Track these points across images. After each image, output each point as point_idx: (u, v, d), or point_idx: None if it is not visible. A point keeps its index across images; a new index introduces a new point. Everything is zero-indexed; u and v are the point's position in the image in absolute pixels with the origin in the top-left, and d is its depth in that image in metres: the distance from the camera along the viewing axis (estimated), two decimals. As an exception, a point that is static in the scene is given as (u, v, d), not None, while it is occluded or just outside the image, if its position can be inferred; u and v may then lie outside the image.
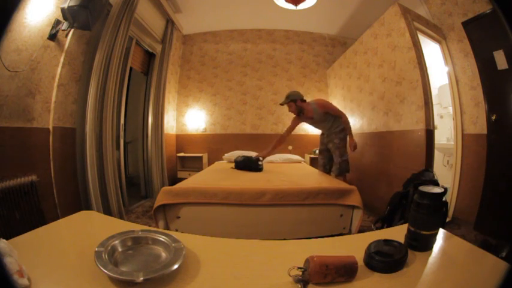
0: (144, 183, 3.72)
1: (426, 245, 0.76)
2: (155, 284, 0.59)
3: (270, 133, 4.73)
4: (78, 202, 2.29)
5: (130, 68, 3.26)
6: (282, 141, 3.06)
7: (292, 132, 3.08)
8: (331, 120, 2.82)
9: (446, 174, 2.89)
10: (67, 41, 2.12)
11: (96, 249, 0.65)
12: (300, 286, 0.59)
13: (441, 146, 3.01)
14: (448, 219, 2.48)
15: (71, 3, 1.87)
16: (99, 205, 2.34)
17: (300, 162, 3.98)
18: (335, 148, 2.78)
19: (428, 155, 2.39)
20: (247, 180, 2.41)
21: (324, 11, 4.00)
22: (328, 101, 2.85)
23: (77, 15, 1.90)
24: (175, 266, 0.63)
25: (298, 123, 3.01)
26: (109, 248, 0.68)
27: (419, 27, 2.66)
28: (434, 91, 2.77)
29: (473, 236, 2.16)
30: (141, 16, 3.18)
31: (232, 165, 3.06)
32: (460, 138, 2.65)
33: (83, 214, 1.07)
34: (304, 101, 2.83)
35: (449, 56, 2.73)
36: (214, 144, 4.76)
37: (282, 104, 2.88)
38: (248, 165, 2.89)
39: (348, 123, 2.79)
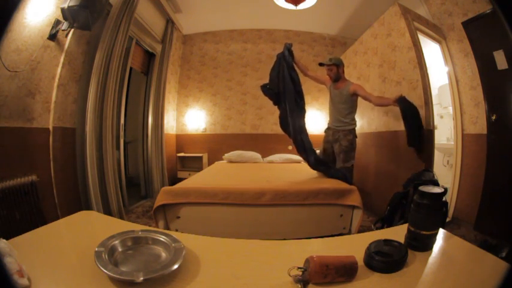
0: (144, 183, 3.71)
1: (426, 245, 0.76)
2: (155, 284, 0.59)
3: (270, 133, 4.72)
4: (78, 202, 2.29)
5: (130, 68, 3.26)
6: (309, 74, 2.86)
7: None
8: (349, 108, 2.55)
9: (446, 174, 2.88)
10: (67, 41, 2.13)
11: (96, 249, 0.65)
12: (300, 286, 0.59)
13: (441, 146, 3.00)
14: (448, 219, 2.48)
15: (71, 3, 1.87)
16: (99, 205, 2.34)
17: (299, 162, 3.97)
18: (340, 151, 2.49)
19: (428, 155, 2.38)
20: (247, 180, 2.42)
21: (324, 11, 4.00)
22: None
23: (77, 15, 1.90)
24: (175, 266, 0.63)
25: (323, 82, 2.79)
26: (109, 248, 0.68)
27: (419, 27, 2.66)
28: (434, 91, 2.77)
29: (473, 236, 2.16)
30: (141, 16, 3.17)
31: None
32: (460, 138, 2.65)
33: (83, 214, 1.07)
34: (343, 72, 2.65)
35: (449, 56, 2.72)
36: (214, 144, 4.76)
37: (322, 64, 2.62)
38: None
39: (377, 100, 2.55)
